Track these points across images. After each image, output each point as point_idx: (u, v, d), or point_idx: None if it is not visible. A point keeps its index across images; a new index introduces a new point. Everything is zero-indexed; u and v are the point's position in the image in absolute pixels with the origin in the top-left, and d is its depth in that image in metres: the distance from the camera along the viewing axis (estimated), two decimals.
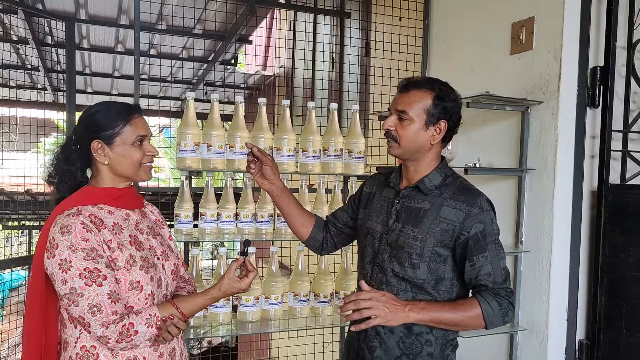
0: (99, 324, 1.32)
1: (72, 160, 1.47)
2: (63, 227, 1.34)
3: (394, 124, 1.52)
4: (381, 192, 1.67)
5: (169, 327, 1.40)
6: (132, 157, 1.46)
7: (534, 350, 2.25)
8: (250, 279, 1.52)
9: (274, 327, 2.36)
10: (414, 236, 1.50)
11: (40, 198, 4.95)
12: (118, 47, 5.69)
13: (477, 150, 2.50)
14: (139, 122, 1.48)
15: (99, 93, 7.88)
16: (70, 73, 3.40)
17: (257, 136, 2.24)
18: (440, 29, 2.97)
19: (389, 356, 1.52)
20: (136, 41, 2.40)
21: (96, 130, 1.44)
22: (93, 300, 1.31)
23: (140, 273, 1.41)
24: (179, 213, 2.19)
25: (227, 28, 4.79)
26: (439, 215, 1.49)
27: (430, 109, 1.49)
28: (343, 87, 4.32)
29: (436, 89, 1.51)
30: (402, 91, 1.53)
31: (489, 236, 1.47)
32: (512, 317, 1.48)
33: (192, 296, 1.53)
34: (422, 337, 1.50)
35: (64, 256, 1.32)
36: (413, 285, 1.50)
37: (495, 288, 1.46)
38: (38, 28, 4.72)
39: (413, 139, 1.51)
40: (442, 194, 1.52)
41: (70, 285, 1.31)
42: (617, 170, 2.21)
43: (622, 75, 2.21)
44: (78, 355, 1.39)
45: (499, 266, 1.47)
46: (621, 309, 2.17)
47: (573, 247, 2.20)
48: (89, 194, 1.46)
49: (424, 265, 1.49)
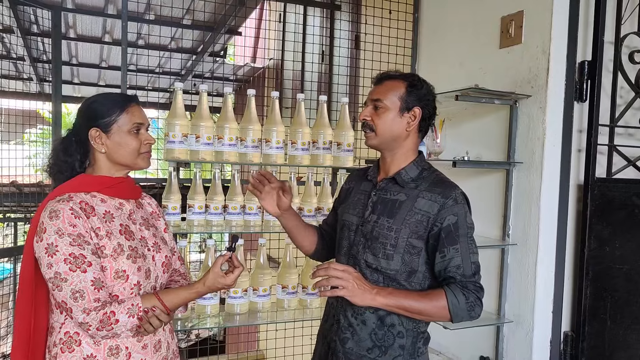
0: (80, 309, 1.32)
1: (70, 151, 1.48)
2: (52, 212, 1.35)
3: (370, 114, 1.56)
4: (359, 186, 1.69)
5: (151, 318, 1.40)
6: (129, 145, 1.47)
7: (519, 341, 2.27)
8: (235, 275, 1.52)
9: (262, 319, 2.37)
10: (388, 227, 1.50)
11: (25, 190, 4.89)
12: (105, 37, 5.62)
13: (466, 144, 2.51)
14: (136, 110, 1.50)
15: (86, 84, 7.79)
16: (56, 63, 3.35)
17: (246, 128, 2.23)
18: (430, 22, 2.97)
19: (360, 348, 1.52)
20: (124, 31, 2.37)
21: (94, 118, 1.46)
22: (76, 286, 1.32)
23: (127, 262, 1.41)
24: (166, 204, 2.17)
25: (216, 19, 4.76)
26: (414, 207, 1.50)
27: (404, 96, 1.53)
28: (332, 79, 4.31)
29: (409, 78, 1.57)
30: (377, 83, 1.60)
31: (461, 229, 1.47)
32: (479, 312, 1.47)
33: (176, 289, 1.52)
34: (394, 329, 1.51)
35: (50, 240, 1.33)
36: (386, 276, 1.51)
37: (464, 281, 1.46)
38: (23, 16, 4.64)
39: (389, 126, 1.53)
40: (417, 186, 1.53)
41: (55, 270, 1.32)
42: (603, 164, 2.23)
43: (609, 70, 2.23)
44: (62, 340, 1.39)
45: (469, 260, 1.48)
46: (606, 301, 2.20)
47: (559, 240, 2.22)
48: (84, 181, 1.47)
49: (397, 257, 1.49)
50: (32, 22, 4.88)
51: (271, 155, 2.27)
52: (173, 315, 1.52)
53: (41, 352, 1.44)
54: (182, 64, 6.31)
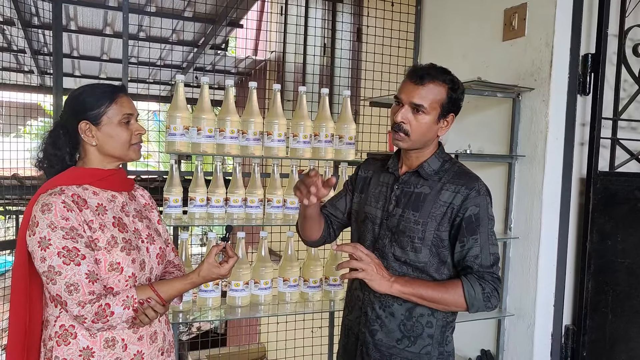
0: (75, 303, 1.32)
1: (59, 144, 1.46)
2: (44, 205, 1.34)
3: (407, 117, 1.48)
4: (378, 177, 1.66)
5: (146, 309, 1.40)
6: (119, 136, 1.45)
7: (521, 335, 2.27)
8: (230, 264, 1.51)
9: (264, 312, 2.37)
10: (415, 220, 1.50)
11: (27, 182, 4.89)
12: (106, 29, 5.60)
13: (468, 137, 2.50)
14: (125, 101, 1.47)
15: (87, 77, 7.76)
16: (57, 55, 3.33)
17: (247, 120, 2.23)
18: (433, 14, 2.96)
19: (390, 339, 1.53)
20: (125, 23, 2.36)
21: (82, 111, 1.43)
22: (70, 279, 1.31)
23: (121, 254, 1.41)
24: (168, 197, 2.17)
25: (217, 11, 4.74)
26: (438, 199, 1.50)
27: (445, 103, 1.48)
28: (334, 72, 4.30)
29: (448, 81, 1.48)
30: (418, 83, 1.47)
31: (482, 220, 1.47)
32: (496, 303, 1.47)
33: (171, 280, 1.52)
34: (423, 319, 1.52)
35: (43, 234, 1.32)
36: (415, 268, 1.51)
37: (481, 271, 1.46)
38: (24, 8, 4.62)
39: (424, 132, 1.50)
40: (441, 178, 1.53)
41: (48, 264, 1.31)
42: (606, 157, 2.23)
43: (613, 63, 2.21)
44: (57, 333, 1.39)
45: (488, 250, 1.47)
46: (607, 295, 2.20)
47: (561, 234, 2.22)
48: (75, 174, 1.45)
49: (425, 249, 1.50)
50: (32, 14, 4.86)
51: (273, 148, 2.26)
52: (168, 306, 1.52)
53: (36, 346, 1.44)
54: (183, 56, 6.28)
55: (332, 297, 2.47)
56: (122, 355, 1.41)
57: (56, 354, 1.38)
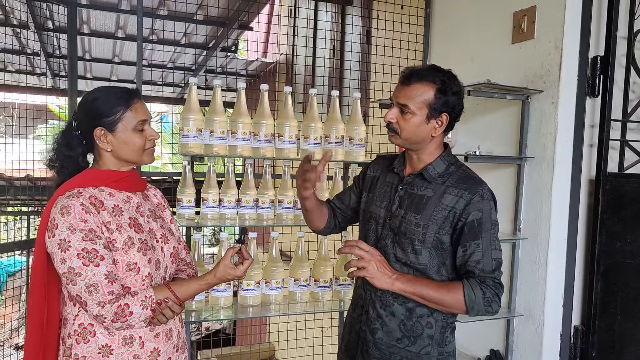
0: (95, 303, 1.35)
1: (73, 145, 1.48)
2: (63, 208, 1.37)
3: (395, 116, 1.52)
4: (385, 177, 1.68)
5: (164, 309, 1.43)
6: (134, 143, 1.47)
7: (530, 335, 2.28)
8: (245, 266, 1.54)
9: (274, 311, 2.40)
10: (416, 223, 1.51)
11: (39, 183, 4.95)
12: (119, 32, 5.67)
13: (477, 139, 2.51)
14: (140, 106, 1.49)
15: (99, 79, 7.84)
16: (72, 58, 3.38)
17: (259, 122, 2.26)
18: (442, 17, 2.98)
19: (390, 338, 1.55)
20: (139, 26, 2.40)
21: (98, 117, 1.44)
22: (90, 280, 1.34)
23: (137, 255, 1.44)
24: (181, 198, 2.21)
25: (228, 14, 4.78)
26: (441, 203, 1.50)
27: (432, 103, 1.48)
28: (344, 74, 4.32)
29: (438, 81, 1.48)
30: (405, 83, 1.50)
31: (484, 224, 1.47)
32: (497, 308, 1.47)
33: (188, 280, 1.56)
34: (423, 320, 1.53)
35: (63, 236, 1.35)
36: (415, 270, 1.53)
37: (482, 276, 1.46)
38: (40, 12, 4.69)
39: (414, 131, 1.51)
40: (445, 182, 1.53)
41: (68, 265, 1.34)
42: (615, 159, 2.23)
43: (622, 65, 2.22)
44: (76, 332, 1.42)
45: (490, 256, 1.47)
46: (616, 295, 2.21)
47: (570, 235, 2.23)
48: (91, 176, 1.48)
49: (425, 252, 1.51)
50: (47, 18, 4.93)
51: (284, 149, 2.29)
52: (185, 306, 1.55)
53: (54, 344, 1.47)
54: (194, 59, 6.33)
55: (342, 297, 2.50)
56: (139, 353, 1.45)
57: (76, 352, 1.41)
